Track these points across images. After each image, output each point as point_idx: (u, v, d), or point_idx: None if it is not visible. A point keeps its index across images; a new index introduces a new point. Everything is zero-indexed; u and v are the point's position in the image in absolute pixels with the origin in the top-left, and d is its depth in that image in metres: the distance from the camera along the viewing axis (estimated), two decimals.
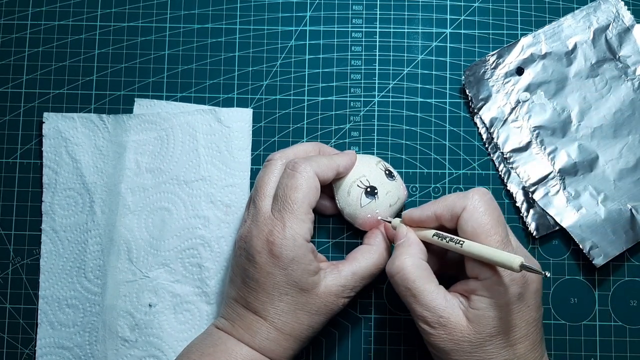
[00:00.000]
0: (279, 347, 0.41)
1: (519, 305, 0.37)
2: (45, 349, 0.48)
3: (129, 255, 0.48)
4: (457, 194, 0.40)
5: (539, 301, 0.38)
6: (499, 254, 0.35)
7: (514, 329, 0.37)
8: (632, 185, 0.48)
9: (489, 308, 0.37)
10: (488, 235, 0.37)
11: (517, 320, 0.37)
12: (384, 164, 0.46)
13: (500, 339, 0.37)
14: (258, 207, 0.41)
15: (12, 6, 0.52)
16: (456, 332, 0.37)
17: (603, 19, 0.50)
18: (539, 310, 0.39)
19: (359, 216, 0.44)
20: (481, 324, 0.37)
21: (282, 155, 0.44)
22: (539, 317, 0.39)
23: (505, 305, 0.37)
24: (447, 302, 0.38)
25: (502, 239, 0.37)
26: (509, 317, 0.37)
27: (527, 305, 0.37)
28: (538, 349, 0.38)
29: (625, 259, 0.48)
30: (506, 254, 0.35)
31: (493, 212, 0.38)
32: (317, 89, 0.50)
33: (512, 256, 0.34)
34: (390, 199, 0.45)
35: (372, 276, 0.43)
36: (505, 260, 0.35)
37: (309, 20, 0.51)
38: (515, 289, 0.37)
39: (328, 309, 0.41)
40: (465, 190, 0.40)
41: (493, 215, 0.38)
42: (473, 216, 0.38)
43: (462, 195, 0.39)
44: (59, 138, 0.50)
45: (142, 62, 0.51)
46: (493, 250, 0.36)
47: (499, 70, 0.50)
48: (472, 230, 0.38)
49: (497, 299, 0.37)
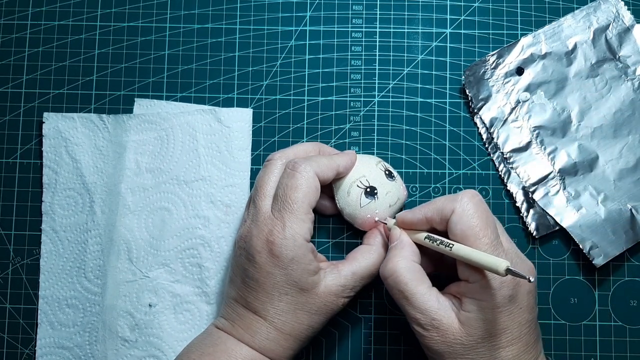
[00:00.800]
0: (279, 346, 0.41)
1: (510, 307, 0.37)
2: (45, 349, 0.48)
3: (129, 255, 0.48)
4: (447, 196, 0.40)
5: (532, 302, 0.38)
6: (486, 257, 0.35)
7: (505, 331, 0.37)
8: (632, 185, 0.48)
9: (479, 310, 0.37)
10: (477, 238, 0.37)
11: (509, 322, 0.37)
12: (384, 164, 0.46)
13: (493, 341, 0.37)
14: (258, 207, 0.41)
15: (12, 6, 0.52)
16: (448, 334, 0.37)
17: (603, 19, 0.50)
18: (532, 311, 0.38)
19: (358, 216, 0.44)
20: (472, 327, 0.37)
21: (282, 155, 0.44)
22: (532, 318, 0.38)
23: (495, 307, 0.37)
24: (439, 305, 0.38)
25: (491, 241, 0.37)
26: (500, 319, 0.37)
27: (519, 307, 0.37)
28: (532, 351, 0.38)
29: (625, 259, 0.48)
30: (493, 258, 0.35)
31: (482, 214, 0.38)
32: (317, 89, 0.50)
33: (498, 260, 0.34)
34: (390, 199, 0.45)
35: (372, 276, 0.43)
36: (491, 264, 0.35)
37: (309, 20, 0.51)
38: (506, 291, 0.37)
39: (328, 308, 0.41)
40: (457, 192, 0.40)
41: (482, 217, 0.38)
42: (462, 219, 0.38)
43: (451, 198, 0.39)
44: (59, 138, 0.50)
45: (142, 62, 0.51)
46: (480, 253, 0.36)
47: (499, 70, 0.50)
48: (461, 233, 0.38)
49: (487, 302, 0.37)
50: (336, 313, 0.42)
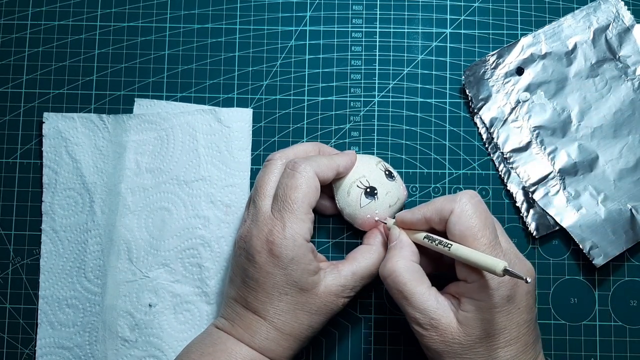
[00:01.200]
0: (279, 346, 0.41)
1: (508, 308, 0.37)
2: (45, 349, 0.48)
3: (129, 255, 0.48)
4: (446, 197, 0.40)
5: (530, 303, 0.38)
6: (483, 258, 0.35)
7: (504, 331, 0.37)
8: (632, 185, 0.48)
9: (477, 310, 0.37)
10: (475, 238, 0.37)
11: (507, 322, 0.37)
12: (384, 164, 0.46)
13: (491, 342, 0.37)
14: (258, 206, 0.41)
15: (12, 6, 0.52)
16: (447, 334, 0.37)
17: (603, 19, 0.50)
18: (530, 311, 0.38)
19: (358, 216, 0.44)
20: (470, 326, 0.37)
21: (282, 155, 0.44)
22: (530, 318, 0.38)
23: (493, 307, 0.37)
24: (438, 304, 0.38)
25: (489, 242, 0.37)
26: (498, 319, 0.37)
27: (517, 307, 0.37)
28: (531, 351, 0.38)
29: (625, 259, 0.48)
30: (490, 259, 0.35)
31: (480, 214, 0.38)
32: (317, 89, 0.50)
33: (496, 260, 0.34)
34: (390, 199, 0.45)
35: (372, 276, 0.43)
36: (489, 264, 0.35)
37: (309, 20, 0.51)
38: (504, 291, 0.37)
39: (328, 308, 0.41)
40: (457, 193, 0.40)
41: (480, 217, 0.38)
42: (460, 219, 0.38)
43: (450, 199, 0.39)
44: (59, 138, 0.50)
45: (142, 62, 0.51)
46: (478, 254, 0.36)
47: (499, 70, 0.50)
48: (460, 233, 0.38)
49: (485, 302, 0.37)
50: (336, 313, 0.42)
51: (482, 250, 0.37)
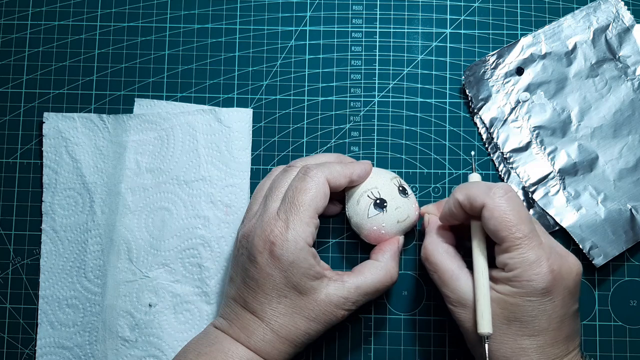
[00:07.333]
0: (274, 349, 0.40)
1: (541, 299, 0.37)
2: (45, 348, 0.48)
3: (129, 255, 0.48)
4: (479, 185, 0.40)
5: (567, 299, 0.38)
6: (482, 310, 0.38)
7: (533, 321, 0.38)
8: (632, 185, 0.48)
9: (510, 295, 0.38)
10: (510, 233, 0.38)
11: (538, 313, 0.38)
12: (400, 180, 0.46)
13: (518, 328, 0.38)
14: (267, 207, 0.42)
15: (12, 6, 0.52)
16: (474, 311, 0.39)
17: (603, 19, 0.50)
18: (566, 307, 0.38)
19: (364, 227, 0.44)
20: (500, 307, 0.38)
21: (303, 162, 0.44)
22: (564, 313, 0.38)
23: (526, 296, 0.37)
24: (467, 284, 0.40)
25: (524, 235, 0.38)
26: (528, 308, 0.37)
27: (552, 300, 0.38)
28: (560, 346, 0.38)
29: (625, 259, 0.48)
30: (486, 318, 0.38)
31: (514, 209, 0.38)
32: (317, 89, 0.50)
33: (485, 323, 0.38)
34: (399, 215, 0.44)
35: (377, 292, 0.42)
36: (478, 320, 0.38)
37: (309, 20, 0.51)
38: (539, 284, 0.37)
39: (326, 318, 0.41)
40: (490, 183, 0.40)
41: (514, 212, 0.38)
42: (494, 214, 0.38)
43: (484, 190, 0.39)
44: (59, 138, 0.50)
45: (142, 62, 0.51)
46: (484, 303, 0.38)
47: (499, 70, 0.50)
48: (494, 228, 0.38)
49: (519, 290, 0.38)
50: (334, 324, 0.42)
51: (517, 244, 0.37)
